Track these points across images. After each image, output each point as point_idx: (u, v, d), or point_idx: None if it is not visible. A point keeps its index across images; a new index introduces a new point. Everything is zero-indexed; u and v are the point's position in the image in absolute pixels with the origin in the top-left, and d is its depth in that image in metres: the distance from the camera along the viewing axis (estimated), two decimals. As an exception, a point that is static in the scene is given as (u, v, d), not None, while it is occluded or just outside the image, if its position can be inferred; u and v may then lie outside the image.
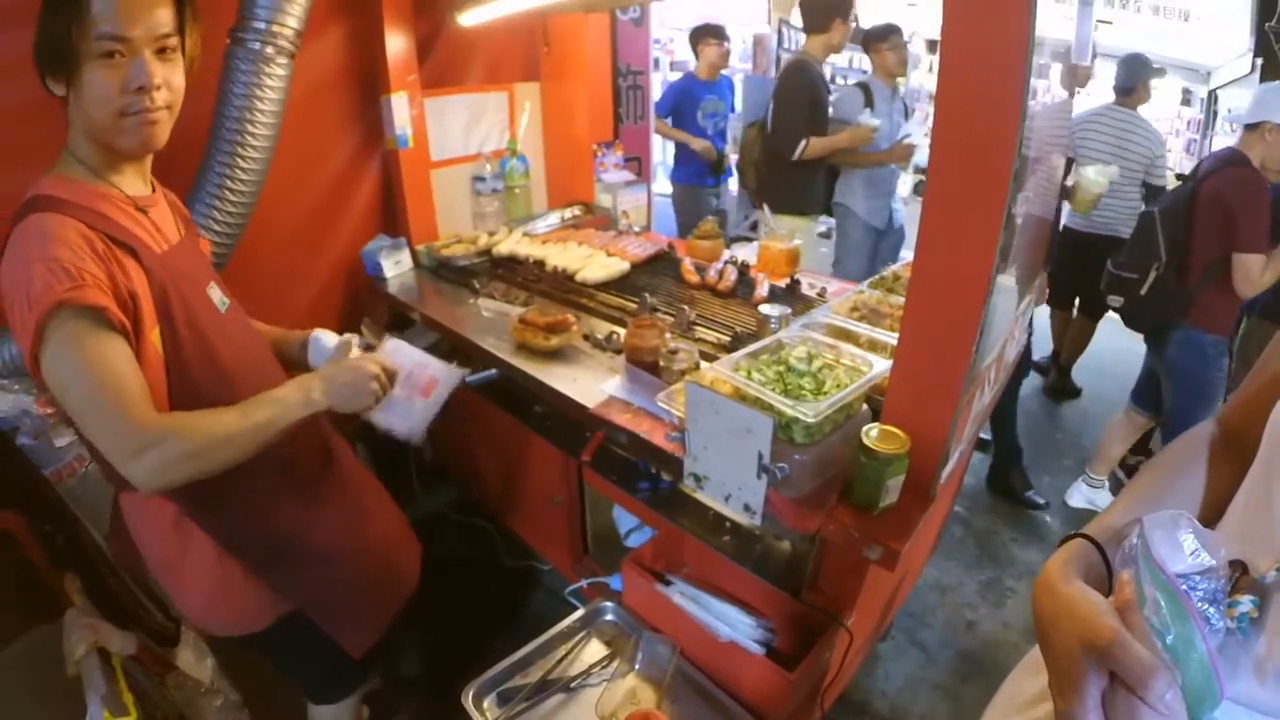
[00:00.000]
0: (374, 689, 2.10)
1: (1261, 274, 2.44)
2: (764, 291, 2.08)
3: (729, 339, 1.84)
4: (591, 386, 1.69)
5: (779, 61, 5.84)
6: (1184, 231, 2.59)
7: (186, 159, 1.75)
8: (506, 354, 1.89)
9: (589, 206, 3.09)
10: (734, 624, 1.44)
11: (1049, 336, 4.36)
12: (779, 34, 6.02)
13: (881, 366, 1.31)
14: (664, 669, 1.47)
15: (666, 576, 1.56)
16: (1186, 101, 8.10)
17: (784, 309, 1.77)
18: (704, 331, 1.91)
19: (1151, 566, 0.57)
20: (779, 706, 1.39)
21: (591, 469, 1.72)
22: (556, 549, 2.30)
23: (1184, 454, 0.87)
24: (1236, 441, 0.83)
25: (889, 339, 1.47)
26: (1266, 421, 0.72)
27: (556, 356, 1.85)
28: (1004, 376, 1.64)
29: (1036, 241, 1.65)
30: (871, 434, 1.19)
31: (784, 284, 2.15)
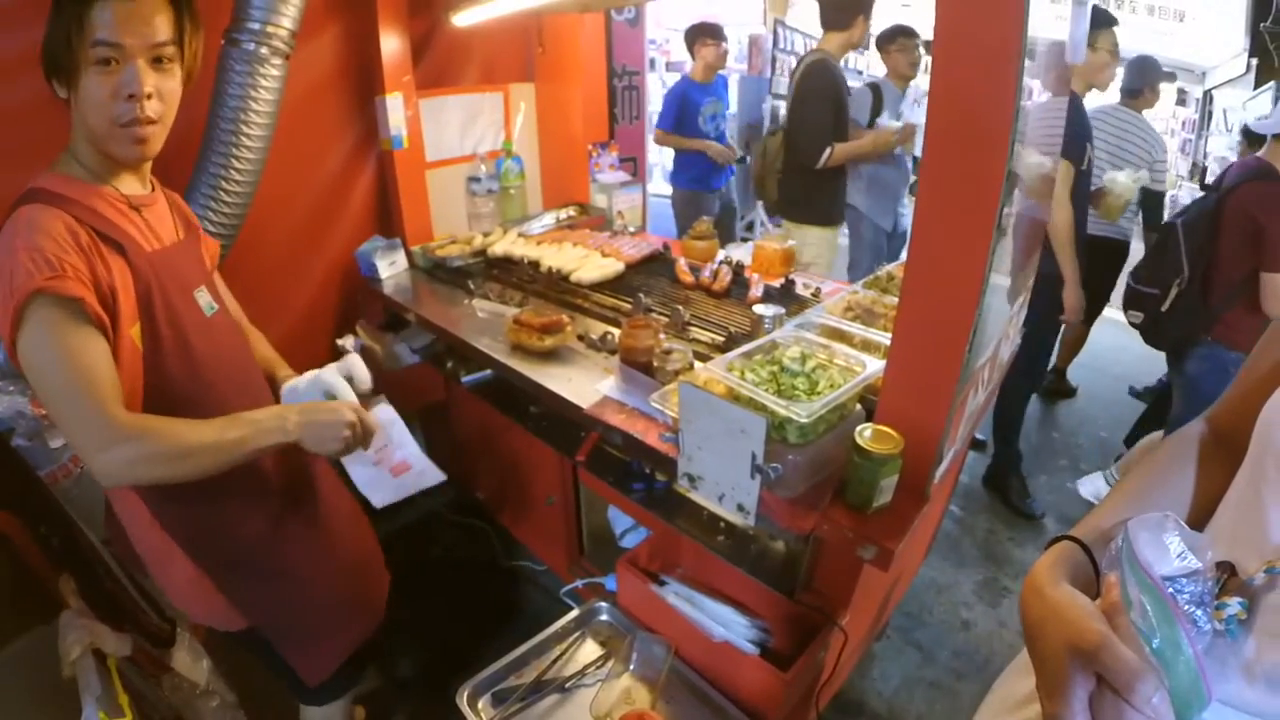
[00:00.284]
0: (370, 689, 2.11)
1: None
2: (758, 292, 2.08)
3: (723, 339, 1.84)
4: (586, 387, 1.69)
5: (774, 62, 5.84)
6: (1208, 246, 2.48)
7: (181, 160, 1.75)
8: (501, 354, 1.89)
9: (584, 207, 3.09)
10: (729, 624, 1.44)
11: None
12: (774, 34, 6.02)
13: (875, 366, 1.31)
14: (659, 669, 1.47)
15: (661, 577, 1.56)
16: (1182, 102, 8.12)
17: (778, 309, 1.77)
18: (698, 332, 1.91)
19: (1136, 569, 0.58)
20: (774, 706, 1.39)
21: (586, 469, 1.72)
22: (552, 549, 2.30)
23: (1173, 454, 0.87)
24: (1226, 441, 0.83)
25: (883, 339, 1.47)
26: (1256, 421, 0.72)
27: (551, 357, 1.85)
28: (998, 376, 1.64)
29: (1030, 241, 1.65)
30: (865, 434, 1.19)
31: (778, 284, 2.15)
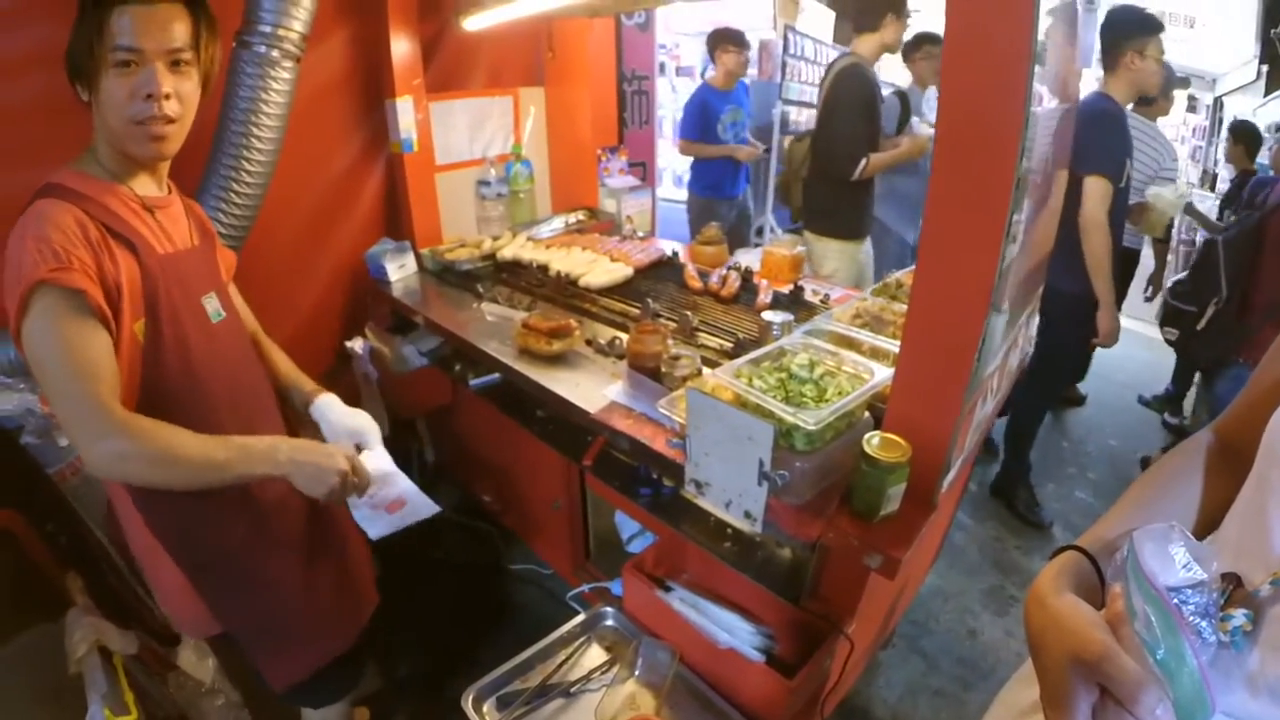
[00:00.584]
0: (372, 690, 2.11)
1: None
2: (767, 298, 2.07)
3: (731, 345, 1.84)
4: (593, 392, 1.69)
5: (784, 67, 5.82)
6: (1248, 266, 2.45)
7: (192, 162, 1.76)
8: (509, 358, 1.89)
9: (593, 211, 3.09)
10: (734, 631, 1.44)
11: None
12: (785, 40, 6.01)
13: (883, 374, 1.30)
14: (664, 675, 1.47)
15: (667, 582, 1.56)
16: (1192, 108, 8.09)
17: (787, 316, 1.77)
18: (706, 337, 1.91)
19: (1141, 580, 0.57)
20: (778, 714, 1.39)
21: (593, 474, 1.72)
22: (558, 553, 2.30)
23: (1180, 464, 0.86)
24: (1233, 452, 0.83)
25: (891, 346, 1.47)
26: (1263, 432, 0.72)
27: (559, 361, 1.85)
28: (1008, 384, 1.63)
29: (1041, 250, 1.64)
30: (873, 442, 1.18)
31: (787, 290, 2.15)
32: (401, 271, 2.53)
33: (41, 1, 1.59)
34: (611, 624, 1.66)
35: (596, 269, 2.33)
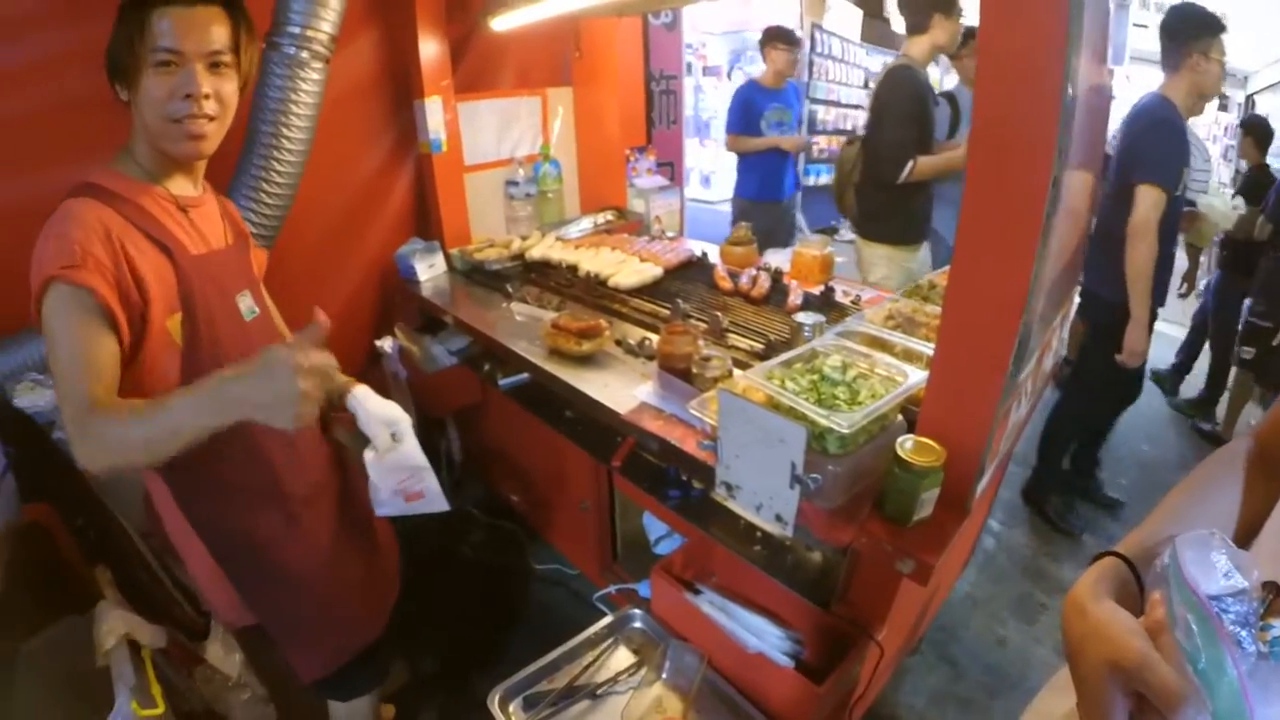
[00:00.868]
0: (399, 687, 2.12)
1: None
2: (797, 299, 2.06)
3: (762, 347, 1.82)
4: (623, 392, 1.69)
5: (811, 66, 5.80)
6: None
7: (223, 162, 1.78)
8: (538, 358, 1.90)
9: (621, 211, 3.10)
10: (763, 635, 1.43)
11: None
12: (811, 38, 5.99)
13: (917, 377, 1.29)
14: (691, 679, 1.46)
15: (696, 585, 1.55)
16: (1224, 107, 7.95)
17: (818, 317, 1.75)
18: (737, 339, 1.90)
19: (1183, 587, 0.56)
20: (806, 719, 1.38)
21: (622, 475, 1.72)
22: (585, 554, 2.30)
23: (1220, 471, 0.84)
24: (1273, 458, 0.81)
25: (925, 349, 1.45)
26: None
27: (588, 362, 1.85)
28: (1041, 387, 1.61)
29: (1074, 250, 1.62)
30: (906, 446, 1.17)
31: (818, 291, 2.14)
32: (431, 271, 2.55)
33: (76, 2, 1.62)
34: (639, 626, 1.65)
35: (626, 269, 2.33)
